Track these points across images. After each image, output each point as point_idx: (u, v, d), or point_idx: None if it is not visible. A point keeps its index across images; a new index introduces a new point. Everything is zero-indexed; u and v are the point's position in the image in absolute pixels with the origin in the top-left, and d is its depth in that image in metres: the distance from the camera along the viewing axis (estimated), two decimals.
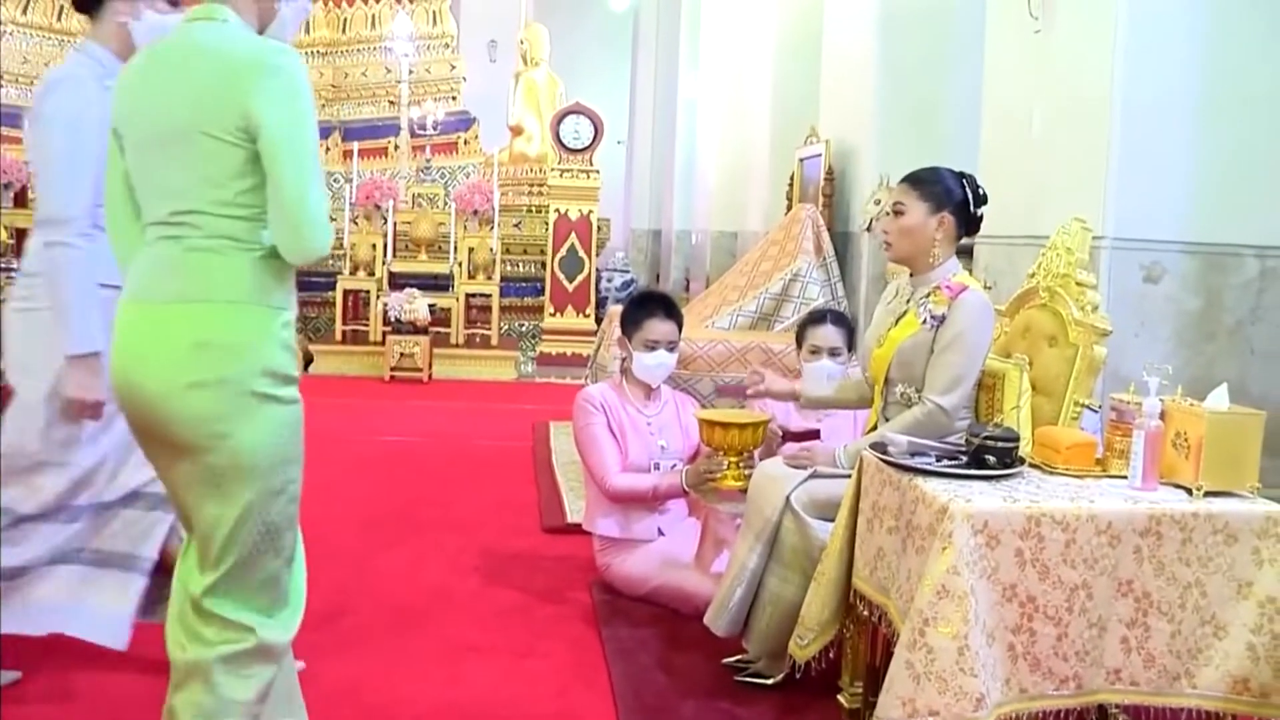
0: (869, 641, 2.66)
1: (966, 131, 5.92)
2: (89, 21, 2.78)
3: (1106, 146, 4.33)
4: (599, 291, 10.54)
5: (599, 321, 8.61)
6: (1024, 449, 2.57)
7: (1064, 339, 2.84)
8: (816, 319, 3.79)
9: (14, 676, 2.80)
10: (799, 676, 2.75)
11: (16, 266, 6.92)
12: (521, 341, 10.10)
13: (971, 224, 2.91)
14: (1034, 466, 2.53)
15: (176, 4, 2.74)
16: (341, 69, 12.48)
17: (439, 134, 11.55)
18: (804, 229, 6.71)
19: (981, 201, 2.90)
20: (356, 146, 10.52)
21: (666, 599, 3.49)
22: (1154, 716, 2.31)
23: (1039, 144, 4.77)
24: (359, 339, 9.28)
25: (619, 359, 3.92)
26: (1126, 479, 2.42)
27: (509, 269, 10.35)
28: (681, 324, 3.72)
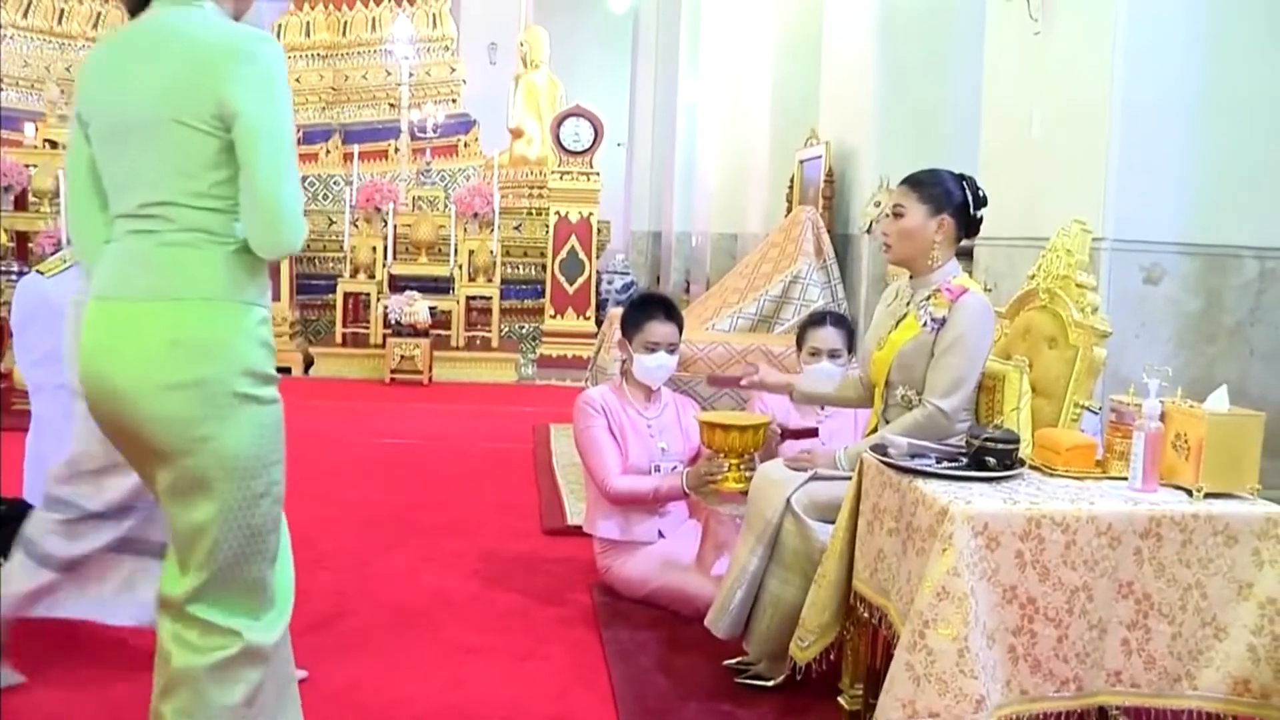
0: (869, 643, 2.66)
1: (966, 133, 5.93)
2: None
3: (1106, 148, 4.33)
4: (599, 294, 10.55)
5: (599, 324, 8.61)
6: (1024, 451, 2.57)
7: (1064, 340, 2.84)
8: (816, 321, 3.80)
9: (17, 679, 2.80)
10: (799, 678, 2.75)
11: (17, 269, 6.99)
12: (522, 344, 10.10)
13: (971, 226, 2.91)
14: (1034, 468, 2.53)
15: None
16: (342, 72, 12.49)
17: (439, 137, 11.56)
18: (804, 231, 6.72)
19: (981, 203, 2.90)
20: (357, 149, 10.53)
21: (667, 601, 3.49)
22: (1154, 718, 2.30)
23: (1039, 146, 4.77)
24: (359, 342, 9.29)
25: (619, 361, 3.92)
26: (1127, 480, 2.42)
27: (509, 271, 10.35)
28: (682, 326, 3.72)
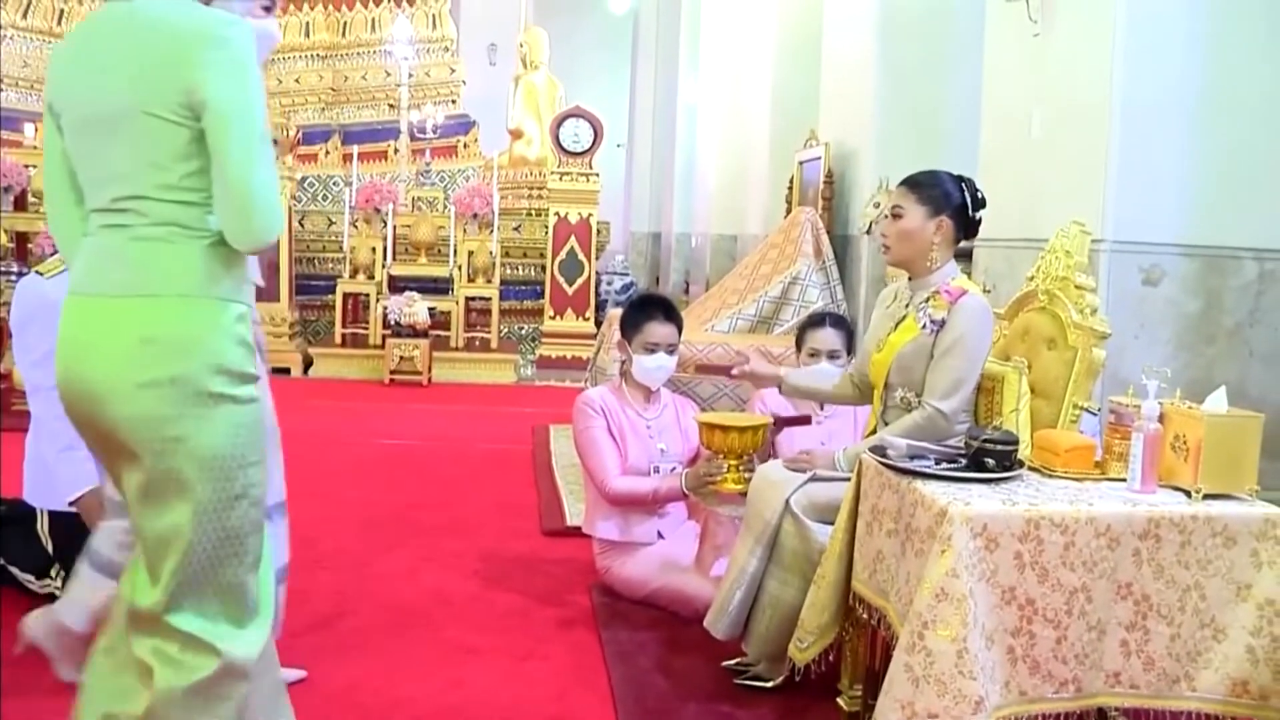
0: (868, 644, 2.66)
1: (966, 134, 5.93)
2: None
3: (1105, 149, 4.33)
4: (599, 294, 10.55)
5: (599, 325, 8.61)
6: (1023, 452, 2.57)
7: (1063, 342, 2.84)
8: (816, 322, 3.80)
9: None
10: (798, 679, 2.76)
11: (16, 269, 6.99)
12: (521, 345, 10.10)
13: (970, 227, 2.91)
14: (1033, 469, 2.53)
15: (270, 10, 2.73)
16: (341, 72, 12.49)
17: (439, 137, 11.56)
18: (803, 232, 6.72)
19: (980, 205, 2.90)
20: (356, 150, 10.53)
21: (666, 602, 3.49)
22: (1153, 719, 2.30)
23: (1038, 147, 4.78)
24: (358, 342, 9.28)
25: (619, 362, 3.92)
26: (1125, 482, 2.42)
27: (508, 272, 10.35)
28: (681, 327, 3.72)
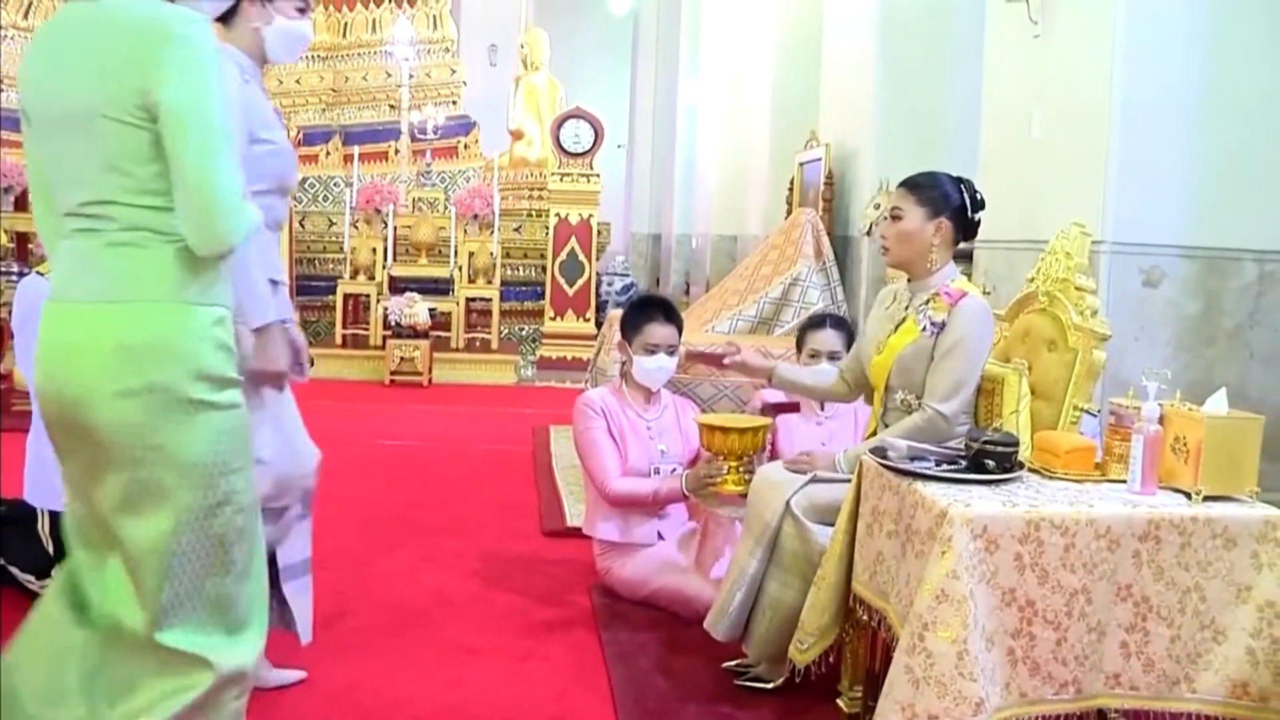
0: (868, 646, 2.66)
1: (966, 135, 5.93)
2: (223, 27, 2.75)
3: (1105, 150, 4.33)
4: (599, 295, 10.55)
5: (599, 325, 8.61)
6: (1023, 453, 2.57)
7: (1063, 343, 2.84)
8: (816, 323, 3.80)
9: None
10: (799, 681, 2.76)
11: (17, 270, 6.98)
12: (522, 345, 10.10)
13: (969, 229, 2.91)
14: (1033, 471, 2.53)
15: (304, 11, 2.75)
16: (342, 73, 12.49)
17: (439, 138, 11.57)
18: (804, 233, 6.72)
19: (979, 206, 2.90)
20: (357, 151, 10.53)
21: (666, 603, 3.49)
22: None
23: (1038, 148, 4.78)
24: (359, 343, 9.28)
25: (619, 363, 3.92)
26: (1125, 483, 2.43)
27: (509, 273, 10.35)
28: (681, 328, 3.72)
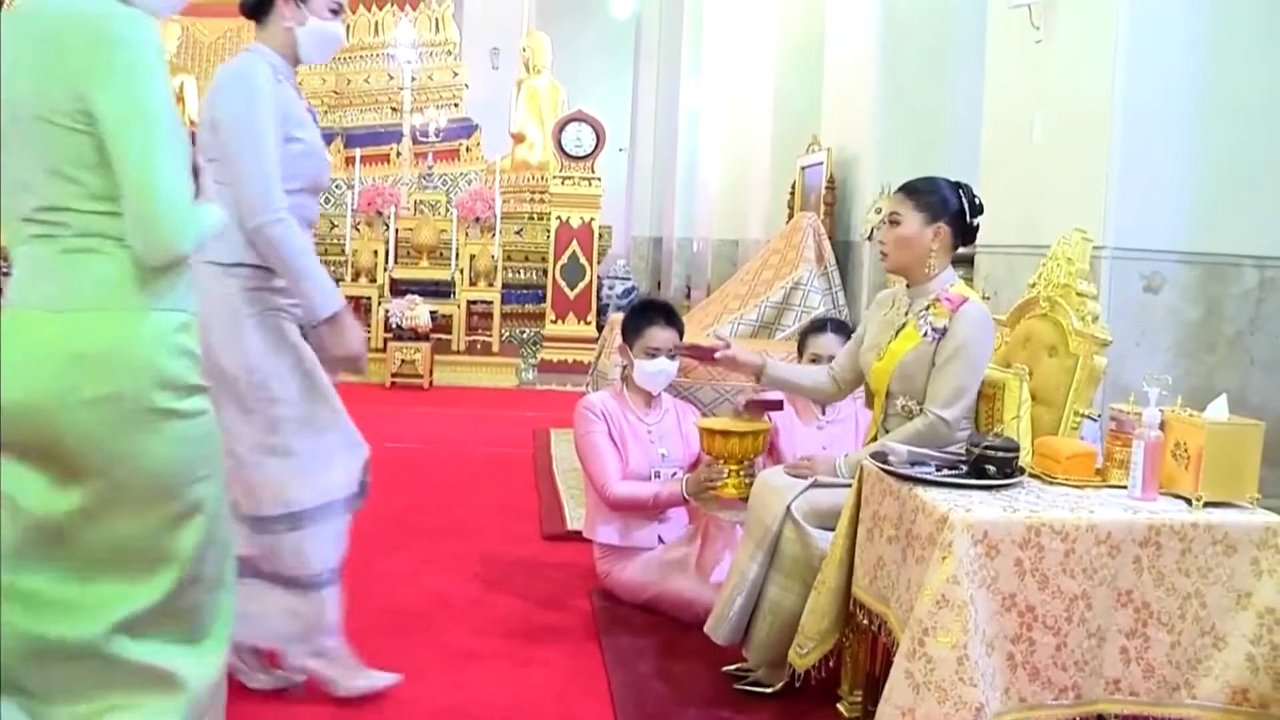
0: (869, 650, 2.66)
1: (967, 140, 5.93)
2: (255, 26, 2.76)
3: (1107, 156, 4.33)
4: (600, 299, 10.55)
5: (600, 329, 8.61)
6: (1024, 459, 2.57)
7: (1064, 349, 2.85)
8: (817, 327, 3.81)
9: None
10: (799, 685, 2.76)
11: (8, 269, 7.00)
12: (523, 348, 10.10)
13: (968, 234, 2.91)
14: (1034, 476, 2.53)
15: (338, 12, 2.75)
16: (344, 75, 12.51)
17: (441, 141, 11.57)
18: (805, 237, 6.71)
19: (978, 211, 2.89)
20: (359, 153, 10.54)
21: (666, 607, 3.49)
22: None
23: (1039, 153, 4.78)
24: None
25: (620, 367, 3.92)
26: (1126, 489, 2.43)
27: (510, 276, 10.36)
28: (682, 332, 3.72)
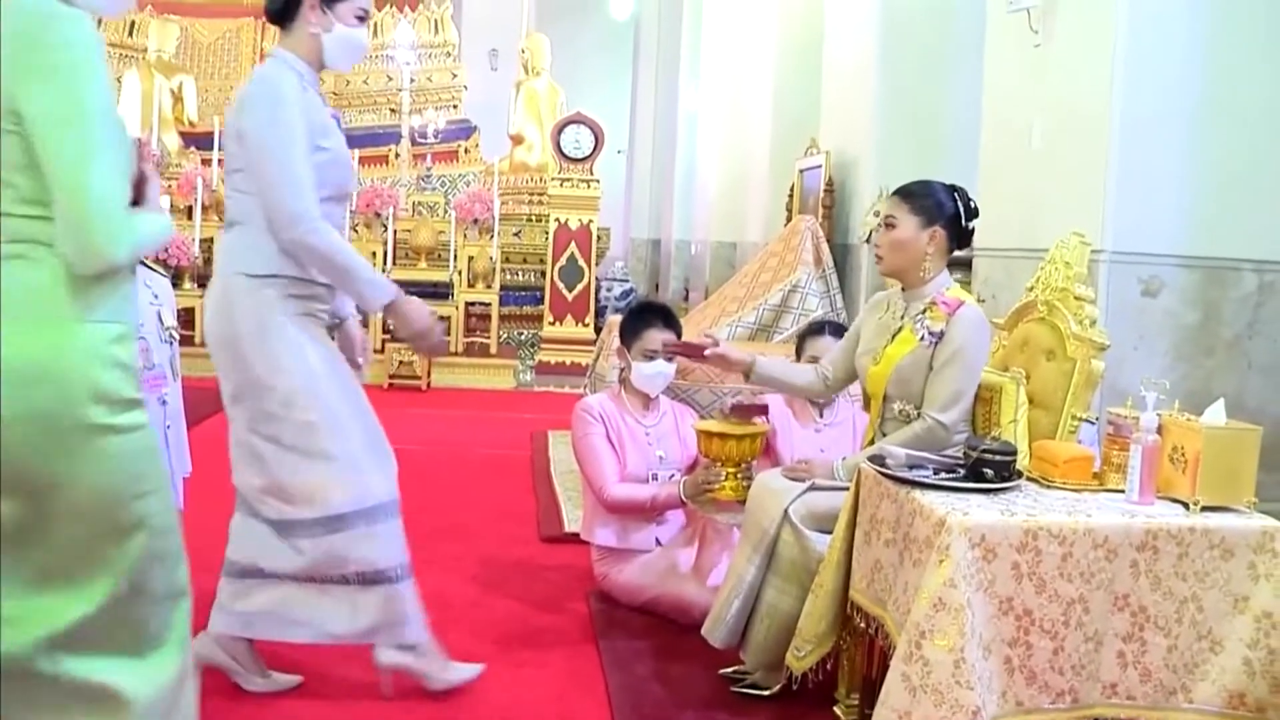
0: (866, 653, 2.66)
1: (966, 144, 5.94)
2: (280, 32, 2.76)
3: (1105, 160, 4.34)
4: (598, 301, 10.54)
5: (598, 331, 8.61)
6: (1021, 462, 2.57)
7: (1062, 353, 2.85)
8: (815, 330, 3.81)
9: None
10: (796, 688, 2.76)
11: None
12: (520, 350, 10.10)
13: (963, 237, 2.91)
14: (1031, 480, 2.54)
15: (364, 18, 2.75)
16: (343, 76, 12.47)
17: (440, 142, 11.56)
18: (803, 240, 6.71)
19: (973, 215, 2.90)
20: (357, 154, 10.48)
21: (664, 609, 3.49)
22: None
23: (1038, 157, 4.78)
24: None
25: (618, 369, 3.92)
26: (1123, 493, 2.43)
27: (508, 278, 10.35)
28: (680, 334, 3.72)
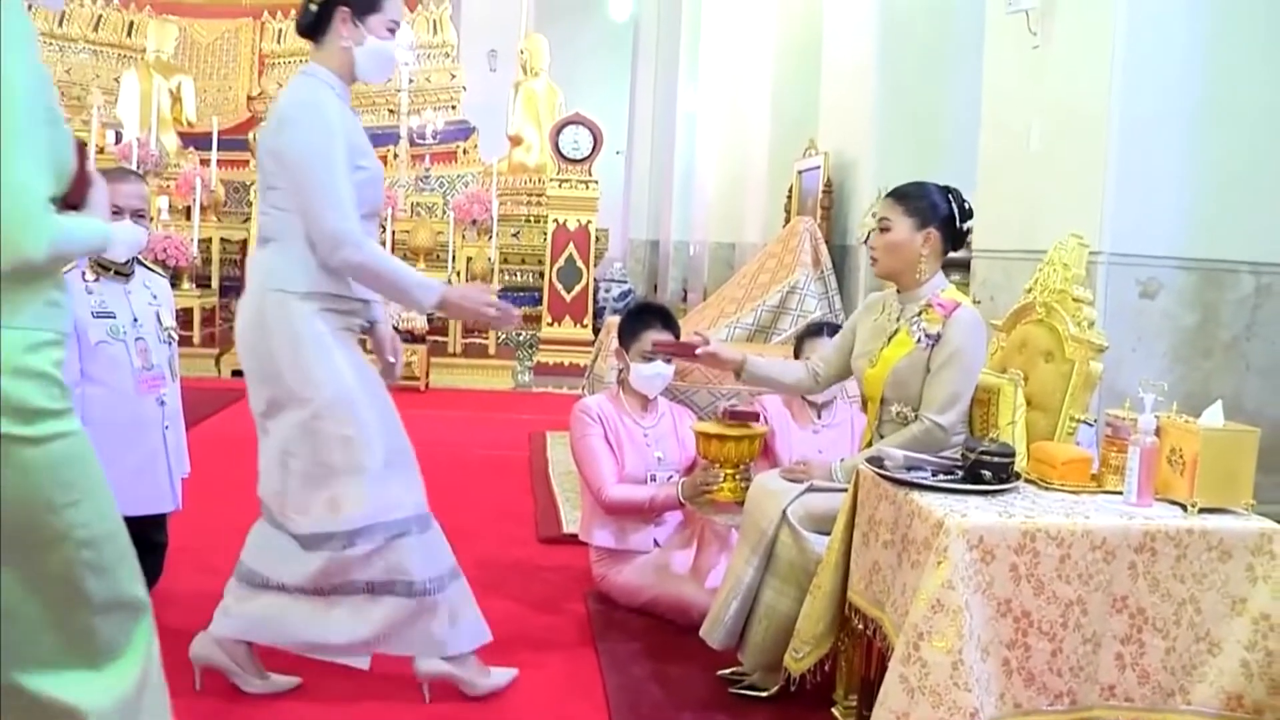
0: (864, 655, 2.66)
1: (965, 145, 5.94)
2: (312, 45, 2.77)
3: (1104, 162, 4.34)
4: (597, 302, 10.55)
5: (596, 332, 8.61)
6: (1019, 464, 2.58)
7: (1060, 354, 2.85)
8: (814, 331, 3.82)
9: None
10: (794, 689, 2.76)
11: None
12: (519, 351, 10.10)
13: (958, 239, 2.92)
14: (1029, 482, 2.54)
15: (395, 31, 2.76)
16: None
17: (438, 143, 11.56)
18: (802, 241, 6.70)
19: (967, 216, 2.90)
20: None
21: (662, 610, 3.49)
22: None
23: (1037, 159, 4.78)
24: None
25: (616, 370, 3.92)
26: (1121, 495, 2.43)
27: (507, 278, 10.36)
28: (678, 335, 3.72)
